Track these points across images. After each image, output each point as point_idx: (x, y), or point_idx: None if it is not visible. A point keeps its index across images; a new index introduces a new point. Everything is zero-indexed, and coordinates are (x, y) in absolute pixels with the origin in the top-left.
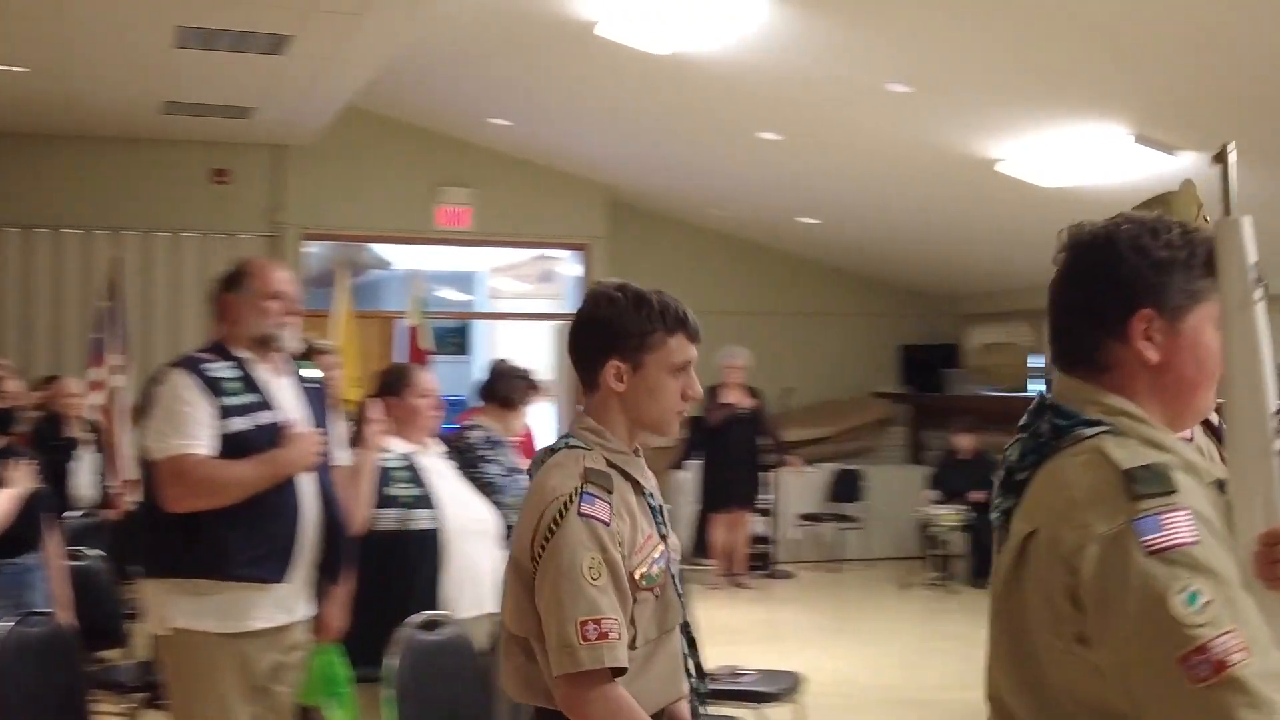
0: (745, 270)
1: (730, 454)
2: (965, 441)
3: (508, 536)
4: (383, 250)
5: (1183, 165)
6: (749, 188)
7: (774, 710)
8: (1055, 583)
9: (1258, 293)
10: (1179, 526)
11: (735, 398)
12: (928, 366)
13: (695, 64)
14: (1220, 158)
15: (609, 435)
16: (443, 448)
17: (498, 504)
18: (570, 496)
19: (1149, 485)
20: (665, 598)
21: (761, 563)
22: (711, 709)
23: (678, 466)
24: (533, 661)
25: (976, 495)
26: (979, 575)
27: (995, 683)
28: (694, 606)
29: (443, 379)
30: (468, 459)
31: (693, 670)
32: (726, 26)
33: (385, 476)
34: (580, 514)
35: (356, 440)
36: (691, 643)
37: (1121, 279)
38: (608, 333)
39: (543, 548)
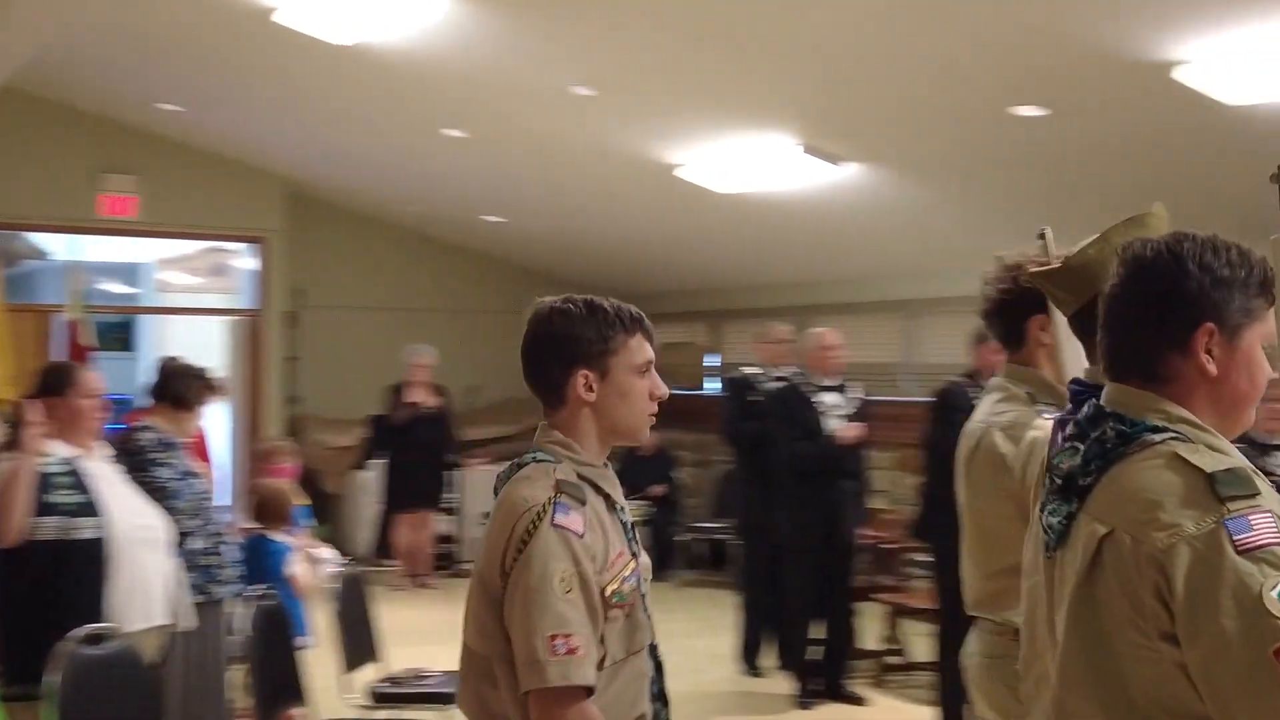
0: (431, 267)
1: (415, 453)
2: (647, 438)
3: (181, 544)
4: (39, 239)
5: (847, 174)
6: (435, 184)
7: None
8: (1144, 582)
9: None
10: (1266, 527)
11: (420, 396)
12: None
13: (378, 56)
14: (1277, 178)
15: (578, 448)
16: (109, 451)
17: (170, 509)
18: (544, 507)
19: (1235, 488)
20: (634, 618)
21: (446, 562)
22: (398, 712)
23: (360, 466)
24: (490, 684)
25: (657, 489)
26: (657, 569)
27: (1068, 683)
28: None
29: (107, 377)
30: (137, 462)
31: (657, 695)
32: (407, 17)
33: (46, 483)
34: (554, 524)
35: (13, 444)
36: (658, 667)
37: (1188, 294)
38: (569, 345)
39: (514, 560)
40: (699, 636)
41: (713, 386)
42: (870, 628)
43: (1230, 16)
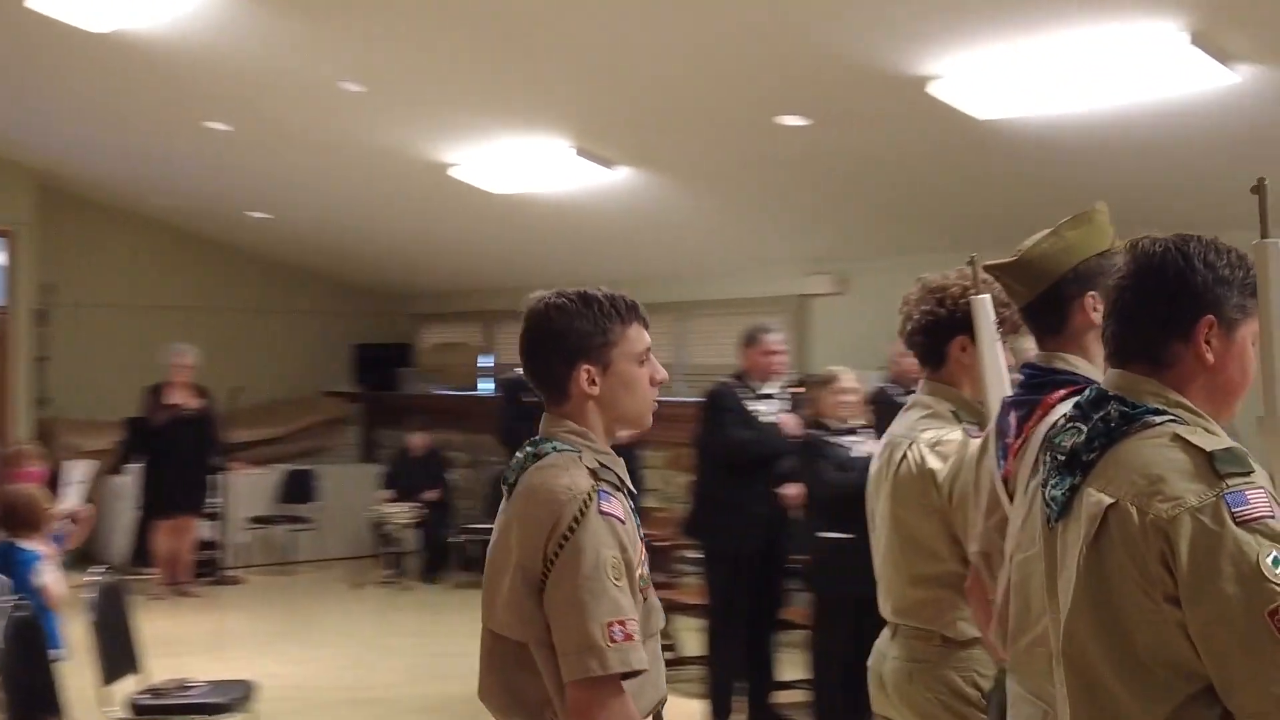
0: (193, 264)
1: (175, 456)
2: (418, 440)
3: None
4: None
5: (619, 178)
6: (196, 178)
7: None
8: (1150, 549)
9: None
10: (1260, 501)
11: (181, 397)
12: (381, 365)
13: (137, 44)
14: (1258, 189)
15: (593, 436)
16: None
17: None
18: (589, 495)
19: (1232, 465)
20: (650, 600)
21: (208, 569)
22: None
23: (116, 470)
24: (524, 670)
25: (430, 494)
26: (431, 571)
27: (1078, 641)
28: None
29: None
30: None
31: None
32: (164, 4)
33: None
34: (600, 512)
35: None
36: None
37: (1193, 287)
38: (569, 340)
39: (560, 548)
40: (474, 638)
41: (486, 387)
42: None
43: (981, 34)
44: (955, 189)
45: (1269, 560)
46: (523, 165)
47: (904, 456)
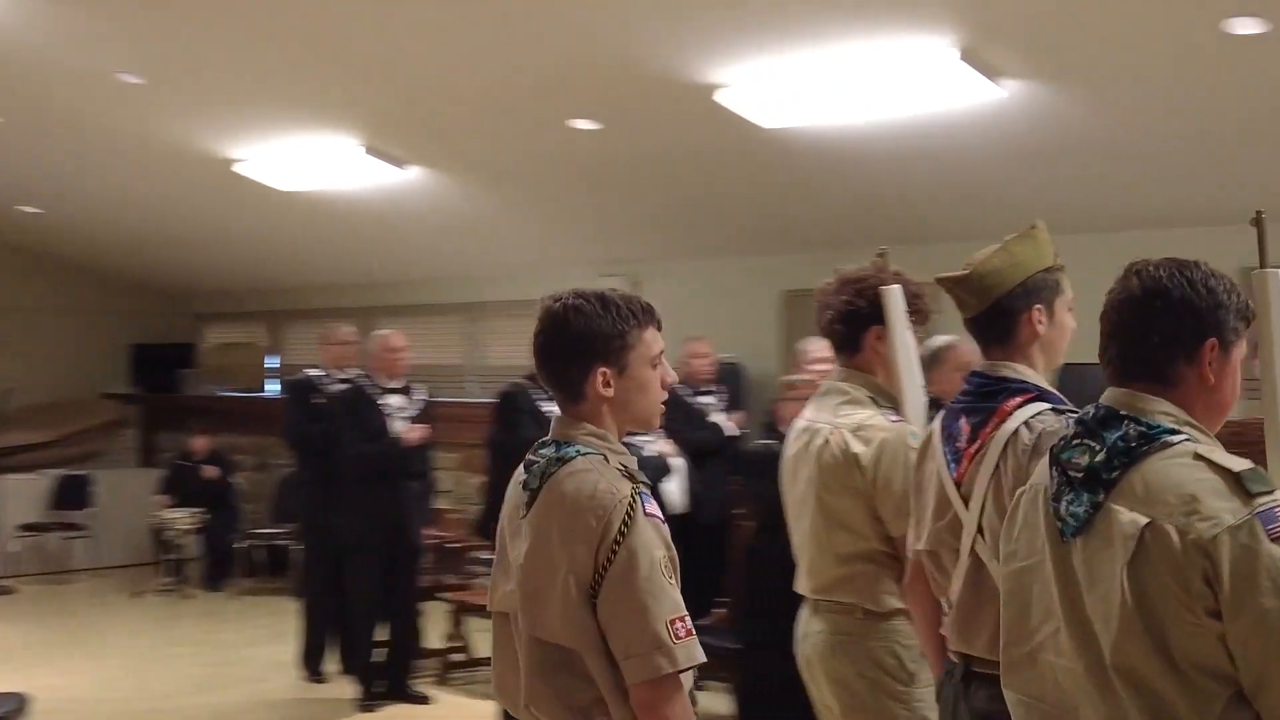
0: None
1: None
2: (200, 443)
3: None
4: None
5: (411, 177)
6: None
7: None
8: (1193, 567)
9: None
10: None
11: None
12: (161, 366)
13: None
14: (1257, 222)
15: (611, 438)
16: None
17: None
18: (633, 499)
19: (1260, 484)
20: None
21: None
22: None
23: None
24: (573, 676)
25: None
26: (214, 579)
27: (1127, 655)
28: None
29: None
30: None
31: None
32: None
33: None
34: (646, 514)
35: None
36: None
37: (1200, 311)
38: (588, 342)
39: (613, 554)
40: (259, 645)
41: (273, 389)
42: (435, 626)
43: (765, 45)
44: (743, 194)
45: None
46: (312, 163)
47: (826, 441)
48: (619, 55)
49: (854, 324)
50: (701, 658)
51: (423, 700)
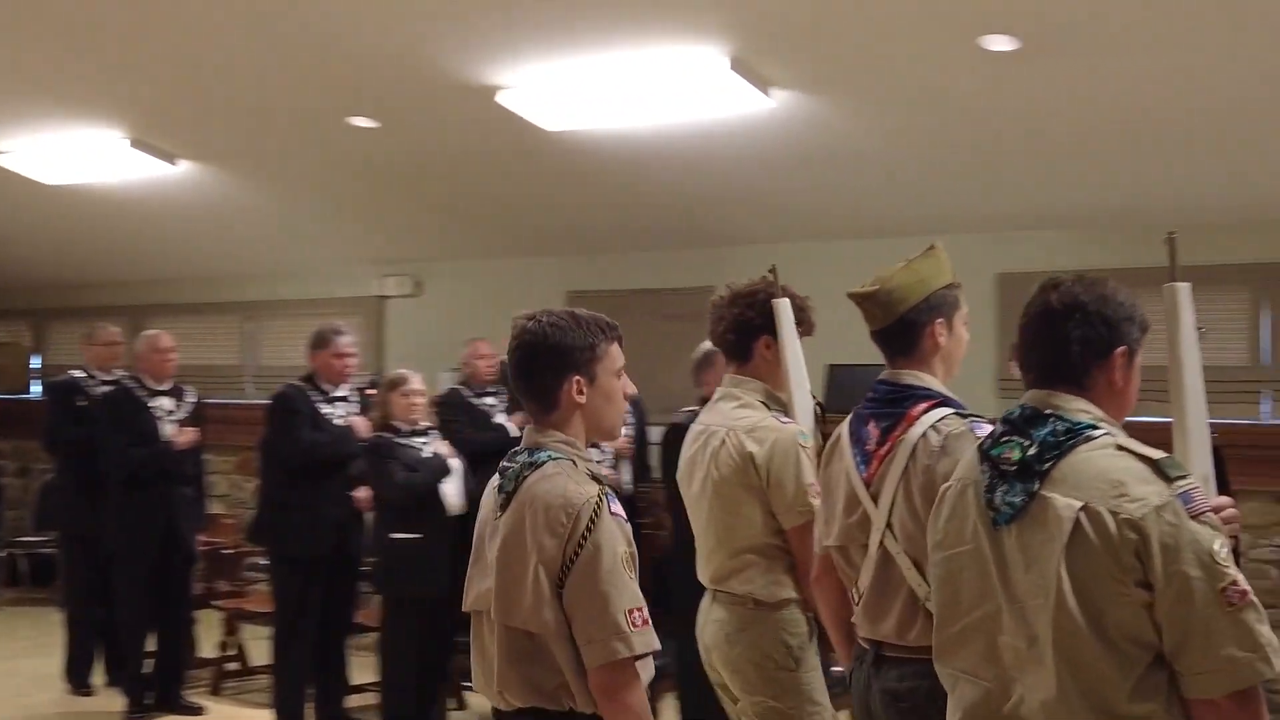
0: None
1: None
2: None
3: None
4: None
5: (182, 173)
6: None
7: None
8: (1124, 543)
9: (1199, 335)
10: (1201, 497)
11: None
12: None
13: None
14: (1169, 241)
15: (580, 445)
16: None
17: None
18: (599, 499)
19: (1175, 470)
20: None
21: None
22: None
23: None
24: (540, 662)
25: None
26: None
27: (1065, 627)
28: None
29: None
30: None
31: None
32: None
33: None
34: (611, 514)
35: None
36: None
37: (1114, 321)
38: (563, 354)
39: (579, 548)
40: (23, 658)
41: (36, 390)
42: (207, 634)
43: (547, 49)
44: (527, 196)
45: (1217, 547)
46: (77, 156)
47: (723, 442)
48: (398, 53)
49: (745, 334)
50: (657, 645)
51: (195, 711)
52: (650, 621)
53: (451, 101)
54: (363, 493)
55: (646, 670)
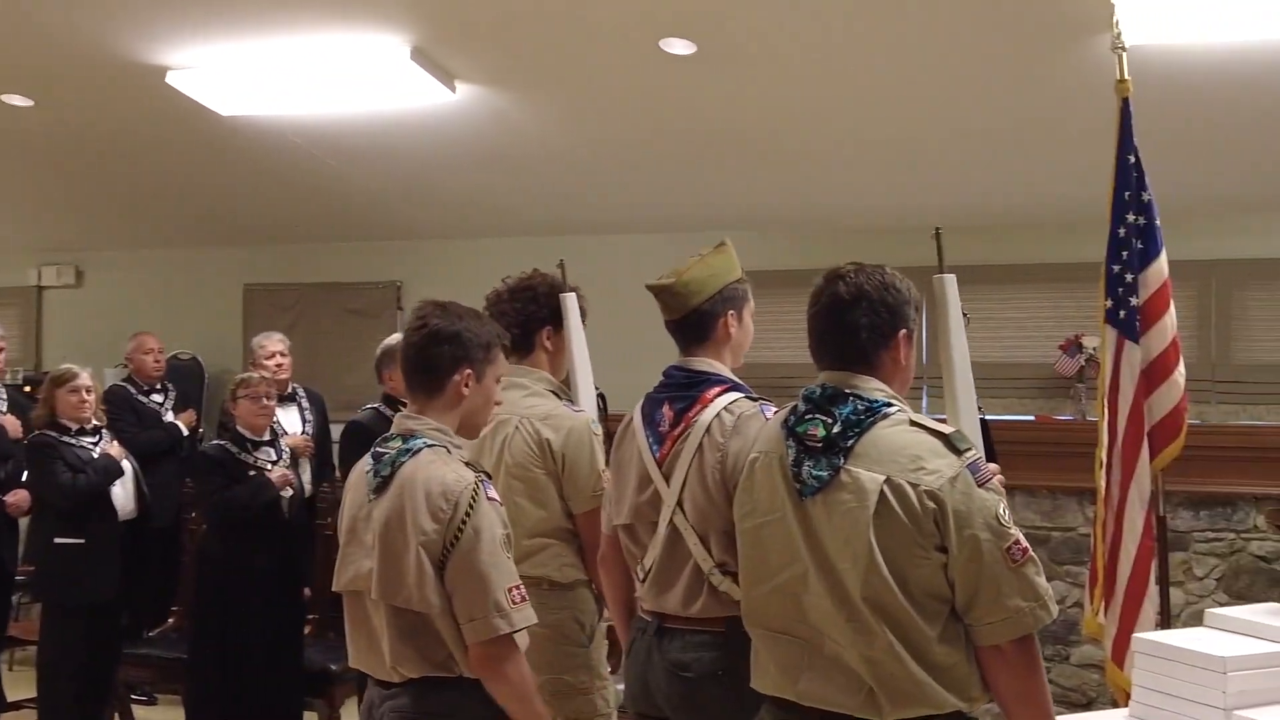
0: None
1: None
2: None
3: None
4: None
5: None
6: None
7: None
8: (924, 511)
9: (964, 322)
10: (986, 467)
11: None
12: None
13: None
14: (936, 236)
15: (451, 434)
16: None
17: None
18: (476, 485)
19: (963, 443)
20: None
21: None
22: None
23: None
24: (427, 636)
25: None
26: None
27: (875, 586)
28: None
29: None
30: None
31: None
32: None
33: None
34: (488, 498)
35: None
36: None
37: (896, 307)
38: (465, 346)
39: (460, 532)
40: None
41: None
42: None
43: (223, 30)
44: (201, 183)
45: (1001, 511)
46: None
47: (516, 429)
48: (54, 27)
49: (528, 326)
50: (534, 619)
51: None
52: (526, 598)
53: (116, 81)
54: (14, 497)
55: (524, 642)
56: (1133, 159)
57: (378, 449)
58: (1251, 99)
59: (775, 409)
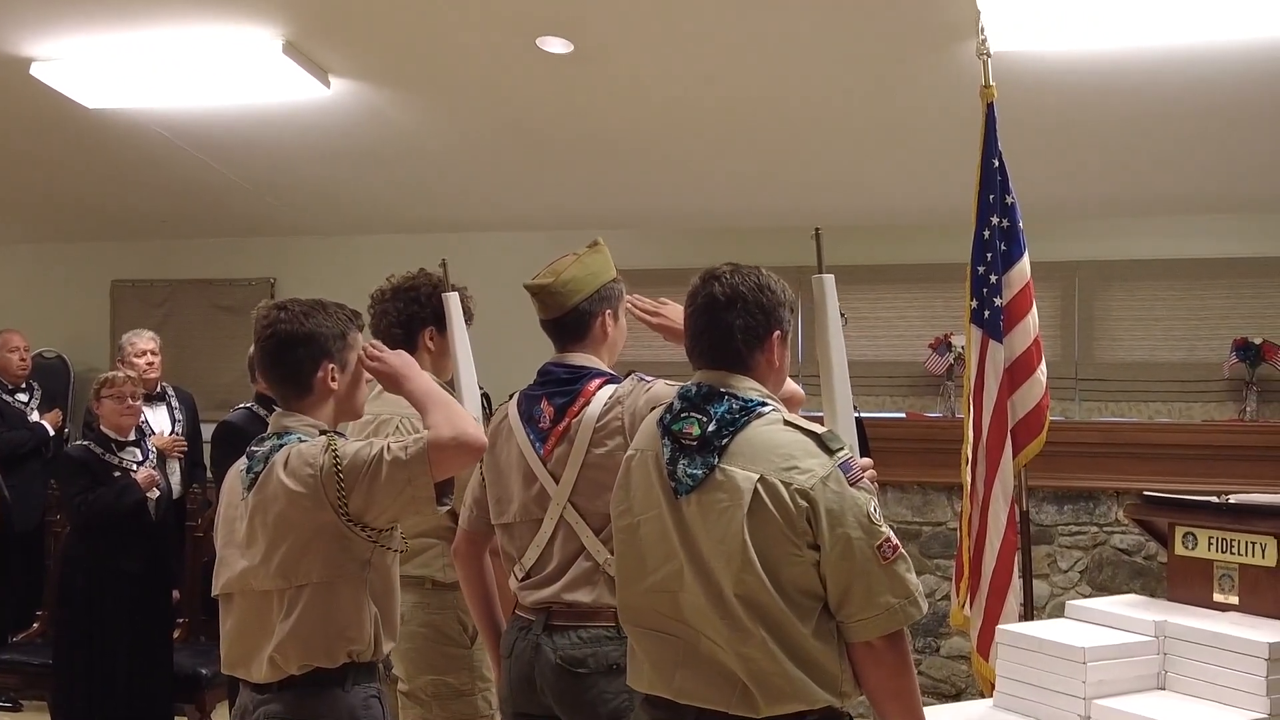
0: None
1: None
2: None
3: None
4: None
5: None
6: None
7: None
8: (797, 510)
9: (842, 322)
10: (857, 466)
11: None
12: None
13: None
14: (816, 236)
15: (326, 428)
16: None
17: None
18: (329, 438)
19: (836, 443)
20: None
21: None
22: None
23: None
24: (316, 620)
25: None
26: None
27: (749, 584)
28: None
29: None
30: None
31: None
32: None
33: None
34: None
35: None
36: None
37: (771, 308)
38: (318, 341)
39: (337, 465)
40: None
41: None
42: None
43: (90, 21)
44: (66, 177)
45: (872, 509)
46: None
47: (397, 429)
48: None
49: (411, 326)
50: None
51: None
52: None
53: None
54: None
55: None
56: (997, 163)
57: (253, 448)
58: (1112, 105)
59: (652, 379)
